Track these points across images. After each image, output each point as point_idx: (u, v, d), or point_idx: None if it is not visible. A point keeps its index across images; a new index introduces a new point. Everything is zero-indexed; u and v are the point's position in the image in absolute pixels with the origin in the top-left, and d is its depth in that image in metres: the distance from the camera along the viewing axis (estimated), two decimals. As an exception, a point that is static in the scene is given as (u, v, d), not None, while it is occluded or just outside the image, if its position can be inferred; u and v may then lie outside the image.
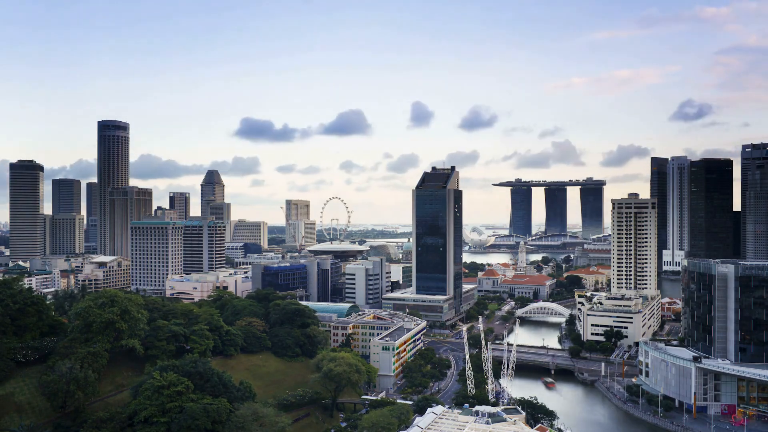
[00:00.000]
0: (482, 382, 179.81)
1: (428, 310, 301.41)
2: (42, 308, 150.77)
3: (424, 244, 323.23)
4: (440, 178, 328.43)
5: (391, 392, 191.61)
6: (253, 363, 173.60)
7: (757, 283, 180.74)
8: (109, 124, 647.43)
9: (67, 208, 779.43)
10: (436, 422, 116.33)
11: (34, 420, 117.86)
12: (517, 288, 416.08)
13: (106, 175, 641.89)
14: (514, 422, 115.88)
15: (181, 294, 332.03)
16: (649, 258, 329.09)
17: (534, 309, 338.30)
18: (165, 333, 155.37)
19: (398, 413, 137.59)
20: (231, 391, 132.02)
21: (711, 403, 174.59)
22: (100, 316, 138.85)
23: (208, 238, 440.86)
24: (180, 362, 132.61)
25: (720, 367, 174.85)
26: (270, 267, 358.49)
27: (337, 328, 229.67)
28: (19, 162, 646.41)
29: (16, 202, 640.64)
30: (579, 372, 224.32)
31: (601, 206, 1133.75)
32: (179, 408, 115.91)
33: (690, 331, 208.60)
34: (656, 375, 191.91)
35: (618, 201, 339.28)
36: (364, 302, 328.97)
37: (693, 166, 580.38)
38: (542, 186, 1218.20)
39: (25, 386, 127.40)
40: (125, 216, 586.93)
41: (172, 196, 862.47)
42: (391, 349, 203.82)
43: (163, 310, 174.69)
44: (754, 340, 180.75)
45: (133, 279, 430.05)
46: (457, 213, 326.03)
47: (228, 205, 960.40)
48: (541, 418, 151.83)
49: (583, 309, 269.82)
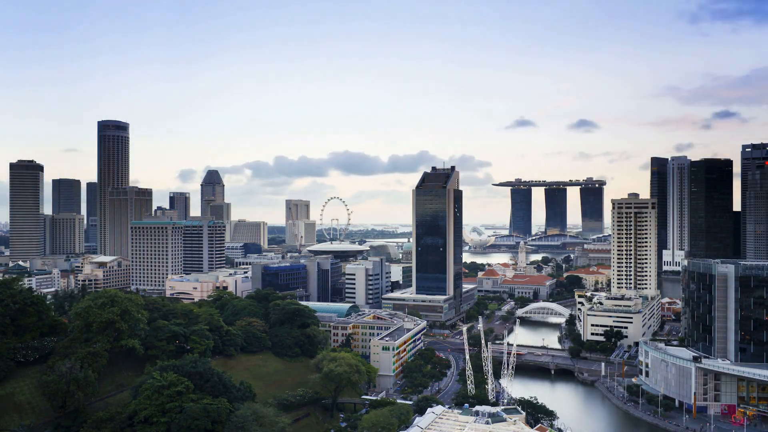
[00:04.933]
0: (482, 382, 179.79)
1: (428, 310, 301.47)
2: (42, 308, 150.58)
3: (424, 244, 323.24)
4: (440, 178, 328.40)
5: (391, 392, 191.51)
6: (253, 363, 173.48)
7: (757, 283, 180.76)
8: (109, 124, 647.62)
9: (67, 208, 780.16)
10: (436, 422, 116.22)
11: (34, 420, 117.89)
12: (517, 288, 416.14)
13: (106, 175, 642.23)
14: (514, 422, 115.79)
15: (181, 294, 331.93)
16: (649, 258, 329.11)
17: (534, 309, 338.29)
18: (165, 333, 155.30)
19: (398, 413, 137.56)
20: (231, 391, 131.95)
21: (711, 403, 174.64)
22: (100, 316, 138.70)
23: (208, 238, 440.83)
24: (180, 362, 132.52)
25: (720, 367, 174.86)
26: (270, 267, 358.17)
27: (337, 328, 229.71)
28: (19, 162, 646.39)
29: (16, 202, 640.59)
30: (579, 372, 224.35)
31: (601, 206, 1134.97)
32: (179, 408, 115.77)
33: (690, 331, 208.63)
34: (656, 375, 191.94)
35: (618, 201, 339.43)
36: (364, 302, 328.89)
37: (693, 166, 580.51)
38: (542, 186, 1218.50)
39: (25, 386, 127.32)
40: (125, 216, 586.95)
41: (172, 196, 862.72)
42: (391, 349, 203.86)
43: (163, 310, 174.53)
44: (754, 340, 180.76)
45: (133, 279, 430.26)
46: (457, 213, 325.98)
47: (228, 205, 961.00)
48: (541, 418, 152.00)
49: (583, 309, 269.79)
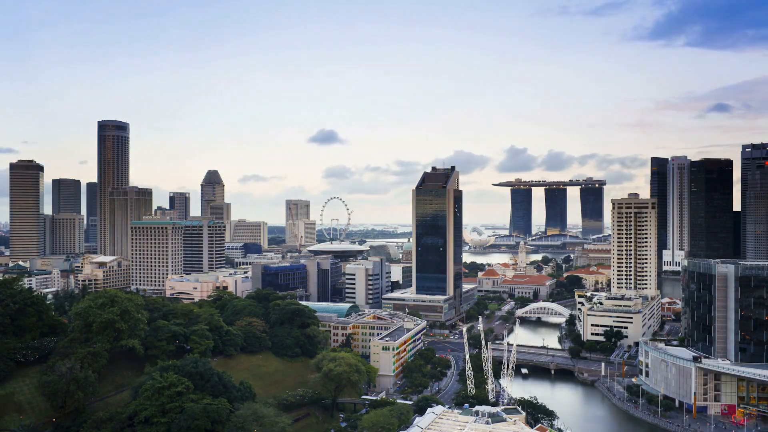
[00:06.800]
0: (482, 382, 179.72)
1: (428, 310, 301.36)
2: (42, 308, 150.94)
3: (424, 244, 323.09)
4: (440, 178, 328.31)
5: (391, 392, 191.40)
6: (253, 363, 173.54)
7: (757, 283, 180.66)
8: (109, 124, 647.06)
9: (67, 208, 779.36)
10: (436, 422, 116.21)
11: (34, 420, 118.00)
12: (517, 288, 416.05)
13: (106, 175, 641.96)
14: (514, 422, 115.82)
15: (181, 294, 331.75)
16: (649, 258, 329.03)
17: (534, 309, 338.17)
18: (165, 333, 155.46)
19: (398, 413, 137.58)
20: (231, 391, 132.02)
21: (711, 403, 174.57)
22: (100, 316, 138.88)
23: (208, 238, 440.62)
24: (180, 362, 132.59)
25: (720, 367, 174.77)
26: (270, 267, 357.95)
27: (337, 328, 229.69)
28: (19, 162, 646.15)
29: (16, 202, 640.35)
30: (579, 372, 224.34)
31: (601, 206, 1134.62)
32: (179, 408, 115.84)
33: (690, 331, 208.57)
34: (656, 375, 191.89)
35: (618, 201, 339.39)
36: (364, 302, 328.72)
37: (693, 166, 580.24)
38: (542, 186, 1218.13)
39: (25, 386, 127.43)
40: (125, 216, 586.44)
41: (172, 196, 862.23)
42: (391, 349, 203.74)
43: (163, 310, 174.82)
44: (754, 340, 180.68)
45: (133, 279, 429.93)
46: (457, 213, 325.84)
47: (228, 205, 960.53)
48: (541, 418, 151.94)
49: (583, 309, 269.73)
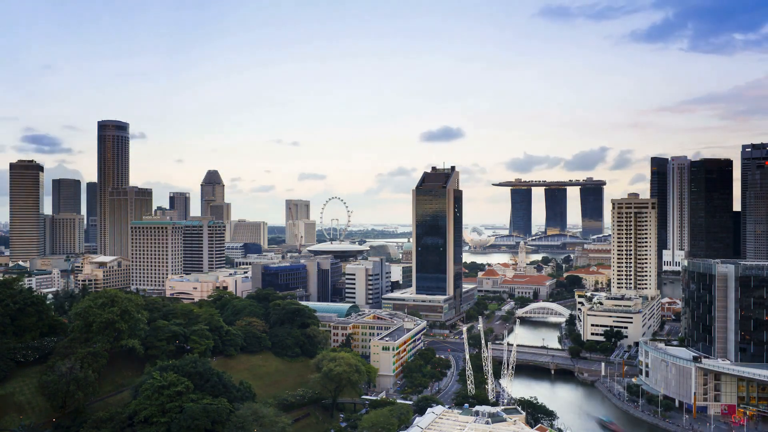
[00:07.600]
0: (482, 382, 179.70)
1: (428, 310, 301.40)
2: (42, 308, 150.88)
3: (424, 244, 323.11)
4: (440, 178, 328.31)
5: (391, 392, 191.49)
6: (253, 363, 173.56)
7: (757, 283, 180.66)
8: (109, 124, 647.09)
9: (67, 208, 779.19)
10: (436, 422, 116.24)
11: (34, 420, 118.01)
12: (517, 288, 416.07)
13: (106, 175, 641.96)
14: (514, 422, 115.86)
15: (181, 294, 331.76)
16: (649, 258, 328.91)
17: (534, 309, 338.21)
18: (165, 333, 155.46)
19: (398, 413, 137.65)
20: (231, 391, 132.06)
21: (711, 403, 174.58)
22: (100, 316, 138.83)
23: (208, 238, 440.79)
24: (180, 362, 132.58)
25: (720, 367, 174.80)
26: (270, 267, 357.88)
27: (337, 328, 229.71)
28: (19, 162, 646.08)
29: (16, 202, 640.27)
30: (579, 372, 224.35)
31: (601, 206, 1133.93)
32: (179, 408, 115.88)
33: (690, 331, 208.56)
34: (656, 375, 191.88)
35: (618, 201, 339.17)
36: (364, 302, 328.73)
37: (693, 166, 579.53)
38: (542, 186, 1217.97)
39: (25, 386, 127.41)
40: (125, 216, 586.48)
41: (172, 196, 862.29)
42: (391, 349, 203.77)
43: (163, 310, 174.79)
44: (754, 340, 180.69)
45: (133, 279, 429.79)
46: (457, 213, 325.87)
47: (228, 205, 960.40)
48: (541, 418, 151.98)
49: (583, 309, 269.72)
